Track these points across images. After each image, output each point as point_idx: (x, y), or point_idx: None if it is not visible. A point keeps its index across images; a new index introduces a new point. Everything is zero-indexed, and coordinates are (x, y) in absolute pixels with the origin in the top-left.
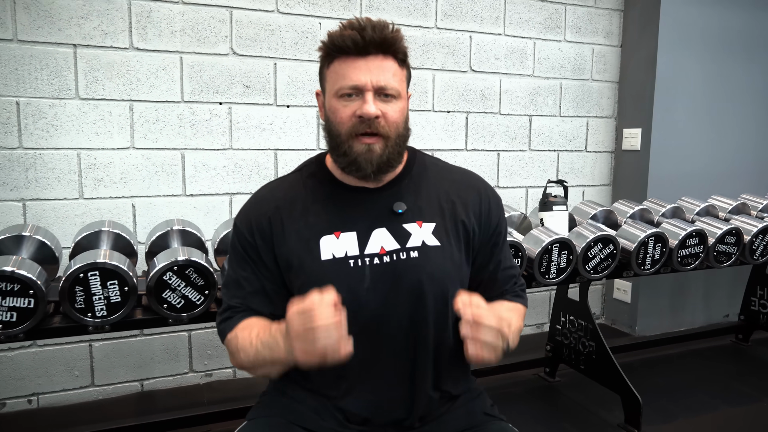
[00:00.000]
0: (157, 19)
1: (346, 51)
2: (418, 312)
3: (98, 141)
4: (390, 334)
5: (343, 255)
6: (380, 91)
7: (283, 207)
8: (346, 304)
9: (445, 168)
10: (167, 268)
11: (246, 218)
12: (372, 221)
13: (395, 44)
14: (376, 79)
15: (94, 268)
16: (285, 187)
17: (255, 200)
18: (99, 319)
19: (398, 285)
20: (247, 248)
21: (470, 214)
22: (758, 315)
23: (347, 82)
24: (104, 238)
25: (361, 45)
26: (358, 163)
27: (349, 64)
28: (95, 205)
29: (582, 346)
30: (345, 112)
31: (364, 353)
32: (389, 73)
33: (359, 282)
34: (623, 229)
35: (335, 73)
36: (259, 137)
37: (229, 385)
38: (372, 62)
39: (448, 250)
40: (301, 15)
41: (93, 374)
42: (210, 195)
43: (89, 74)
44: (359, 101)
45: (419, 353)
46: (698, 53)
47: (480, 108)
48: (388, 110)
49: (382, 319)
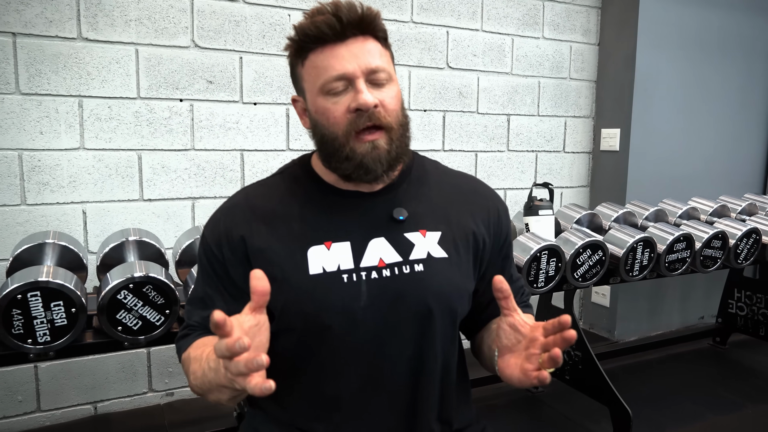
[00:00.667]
0: (109, 7)
1: (322, 39)
2: (422, 334)
3: (43, 141)
4: (390, 360)
5: (335, 268)
6: (371, 76)
7: (261, 214)
8: (340, 325)
9: (447, 172)
10: (122, 285)
11: (215, 228)
12: (368, 230)
13: (374, 21)
14: (363, 62)
15: (35, 287)
16: (264, 192)
17: (228, 206)
18: (41, 346)
19: (400, 303)
20: (213, 262)
21: (479, 223)
22: (735, 318)
23: (332, 72)
24: (48, 251)
25: (339, 29)
26: (365, 165)
27: (329, 53)
28: (40, 212)
29: (567, 356)
30: (337, 110)
31: (359, 381)
32: (376, 54)
33: (354, 300)
34: (611, 234)
35: (314, 67)
36: (224, 137)
37: (192, 405)
38: (354, 46)
39: (456, 262)
40: (268, 6)
41: (39, 398)
42: (170, 200)
43: (31, 66)
44: (351, 93)
45: (422, 381)
46: (677, 53)
47: (457, 107)
48: (385, 97)
49: (380, 342)
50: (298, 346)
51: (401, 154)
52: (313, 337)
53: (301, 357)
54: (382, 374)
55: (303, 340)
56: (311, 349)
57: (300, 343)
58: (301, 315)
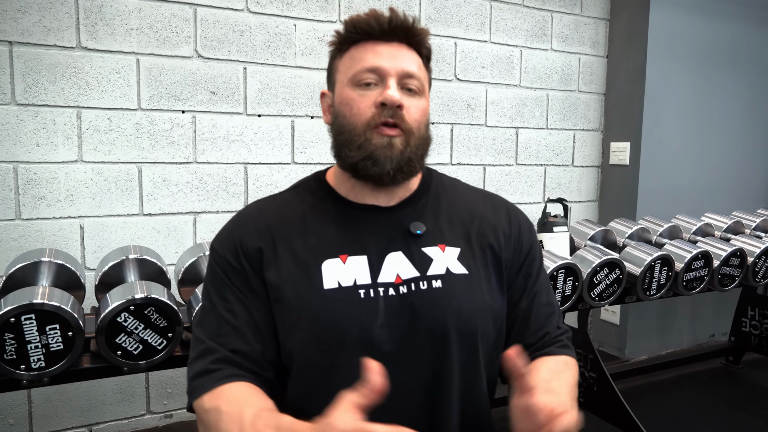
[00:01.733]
0: (109, 16)
1: (368, 34)
2: (440, 357)
3: (39, 153)
4: (406, 384)
5: (351, 283)
6: (404, 80)
7: (275, 227)
8: (355, 344)
9: (466, 188)
10: (122, 307)
11: (229, 239)
12: (386, 244)
13: (421, 36)
14: (401, 65)
15: (30, 310)
16: (277, 205)
17: (239, 219)
18: (35, 372)
19: (416, 323)
20: (230, 274)
21: (499, 236)
22: (749, 336)
23: (367, 64)
24: (44, 270)
25: (387, 28)
26: (375, 156)
27: (370, 47)
28: (35, 226)
29: (581, 378)
30: (363, 102)
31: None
32: (415, 64)
33: (371, 318)
34: (627, 252)
35: (351, 58)
36: (227, 150)
37: (191, 427)
38: (395, 48)
39: (477, 279)
40: (273, 15)
41: (31, 422)
42: (171, 214)
43: (28, 76)
44: (380, 89)
45: (440, 409)
46: (687, 65)
47: (465, 119)
48: (411, 105)
49: (396, 365)
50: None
51: (414, 162)
52: (326, 358)
53: (312, 381)
54: (397, 400)
55: (316, 362)
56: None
57: (312, 365)
58: (315, 333)
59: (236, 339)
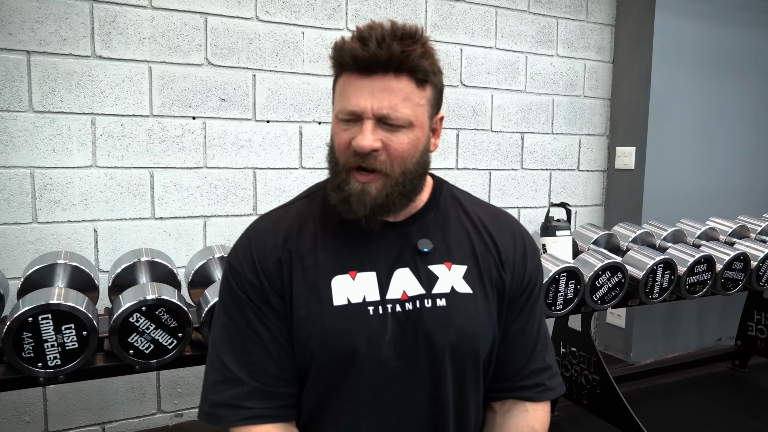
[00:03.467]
0: (122, 25)
1: (346, 67)
2: (442, 374)
3: (55, 158)
4: (410, 398)
5: (360, 300)
6: (384, 119)
7: (291, 242)
8: (364, 360)
9: (476, 203)
10: (134, 308)
11: (247, 256)
12: (394, 260)
13: (408, 62)
14: (378, 105)
15: (47, 310)
16: (291, 217)
17: (255, 234)
18: (51, 370)
19: (421, 339)
20: (249, 292)
21: (503, 257)
22: (756, 340)
23: (346, 104)
24: (60, 272)
25: (363, 62)
26: (349, 203)
27: (352, 83)
28: (51, 230)
29: (584, 380)
30: (343, 138)
31: (380, 419)
32: (398, 97)
33: (380, 334)
34: (630, 256)
35: (339, 90)
36: (237, 155)
37: (202, 427)
38: (377, 83)
39: (481, 299)
40: (282, 23)
41: (47, 419)
42: (182, 218)
43: (45, 84)
44: (358, 127)
45: (443, 421)
46: (692, 70)
47: (471, 125)
48: (393, 141)
49: (402, 379)
50: (320, 384)
51: (394, 202)
52: (335, 373)
53: (321, 395)
54: (402, 414)
55: (325, 377)
56: (332, 386)
57: (322, 380)
58: (325, 348)
59: (262, 357)
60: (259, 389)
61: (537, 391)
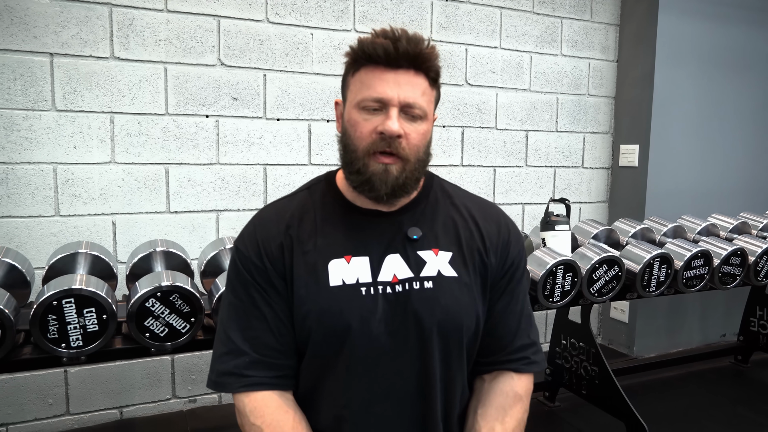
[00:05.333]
0: (140, 28)
1: (375, 60)
2: (429, 349)
3: (76, 155)
4: (400, 371)
5: (354, 281)
6: (406, 109)
7: (292, 229)
8: (356, 335)
9: (464, 196)
10: (150, 294)
11: (252, 241)
12: (385, 246)
13: (429, 61)
14: (404, 94)
15: (70, 294)
16: (293, 207)
17: (260, 221)
18: (74, 350)
19: (410, 318)
20: (254, 273)
21: (487, 244)
22: (758, 336)
23: (372, 93)
24: (81, 260)
25: (393, 56)
26: (372, 182)
27: (377, 74)
28: (72, 222)
29: (584, 371)
30: (365, 127)
31: (371, 390)
32: (419, 90)
33: (371, 312)
34: (627, 250)
35: (360, 82)
36: (248, 152)
37: (214, 411)
38: (402, 76)
39: (465, 282)
40: (291, 25)
41: (68, 402)
42: (195, 212)
43: (67, 85)
44: (382, 116)
45: (430, 394)
46: (695, 69)
47: (476, 123)
48: (412, 131)
49: (393, 355)
50: (316, 357)
51: (409, 185)
52: (330, 347)
53: (317, 367)
54: (392, 386)
55: (321, 351)
56: (328, 359)
57: (317, 354)
58: (322, 324)
59: (264, 332)
60: (260, 360)
61: (522, 363)
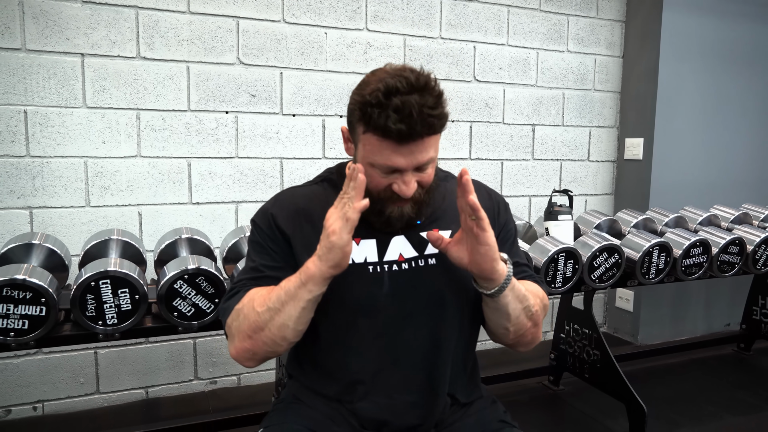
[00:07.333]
0: (164, 29)
1: (388, 137)
2: (436, 318)
3: (105, 149)
4: (408, 340)
5: (362, 261)
6: (419, 166)
7: (303, 211)
8: (365, 308)
9: (453, 178)
10: (178, 276)
11: (265, 215)
12: (391, 230)
13: (441, 125)
14: (416, 161)
15: (105, 276)
16: (306, 193)
17: (276, 201)
18: (110, 327)
19: (417, 291)
20: (266, 240)
21: None
22: (760, 324)
23: (386, 162)
24: (113, 246)
25: (406, 137)
26: (390, 221)
27: (390, 146)
28: (102, 213)
29: (586, 355)
30: (380, 182)
31: (381, 358)
32: (431, 150)
33: (378, 287)
34: (628, 239)
35: (371, 144)
36: (265, 146)
37: (233, 392)
38: (414, 146)
39: None
40: (307, 25)
41: (98, 381)
42: (216, 203)
43: (96, 83)
44: (396, 176)
45: (436, 359)
46: (699, 64)
47: (484, 117)
48: (423, 177)
49: (400, 324)
50: (330, 328)
51: (420, 213)
52: (342, 319)
53: (331, 338)
54: (400, 354)
55: (333, 323)
56: (340, 330)
57: (331, 325)
58: (334, 300)
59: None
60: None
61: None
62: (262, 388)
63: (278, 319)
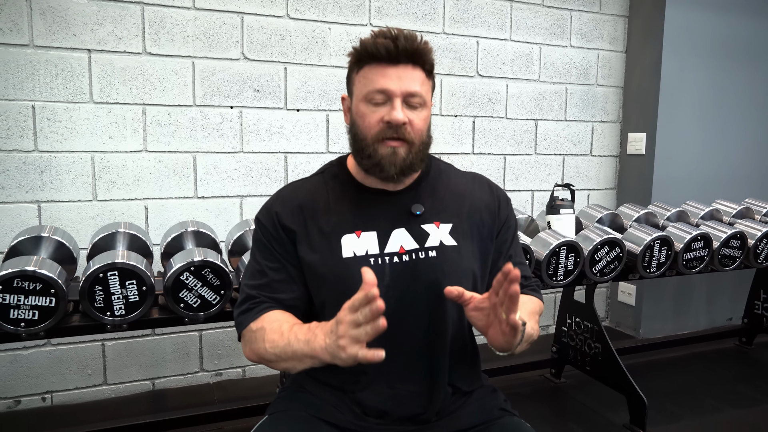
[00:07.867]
0: (169, 25)
1: (377, 58)
2: (435, 309)
3: (112, 144)
4: (409, 331)
5: (363, 253)
6: (408, 98)
7: (305, 206)
8: None
9: (459, 173)
10: (184, 268)
11: (268, 213)
12: (392, 222)
13: (425, 55)
14: (405, 86)
15: (113, 268)
16: (307, 188)
17: (277, 198)
18: (118, 318)
19: (417, 283)
20: (271, 240)
21: (483, 209)
22: (761, 318)
23: (377, 86)
24: (120, 239)
25: (394, 53)
26: (382, 165)
27: (380, 70)
28: (108, 206)
29: (588, 348)
30: (372, 117)
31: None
32: (418, 81)
33: (379, 279)
34: (629, 233)
35: (365, 77)
36: (270, 140)
37: (238, 384)
38: (402, 71)
39: (465, 249)
40: (311, 20)
41: (105, 373)
42: (221, 197)
43: (103, 79)
44: (387, 107)
45: (436, 349)
46: (702, 59)
47: (487, 112)
48: (414, 118)
49: (401, 315)
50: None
51: (415, 164)
52: None
53: None
54: (402, 343)
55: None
56: None
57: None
58: (336, 291)
59: (277, 288)
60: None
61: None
62: (267, 380)
63: (283, 364)
